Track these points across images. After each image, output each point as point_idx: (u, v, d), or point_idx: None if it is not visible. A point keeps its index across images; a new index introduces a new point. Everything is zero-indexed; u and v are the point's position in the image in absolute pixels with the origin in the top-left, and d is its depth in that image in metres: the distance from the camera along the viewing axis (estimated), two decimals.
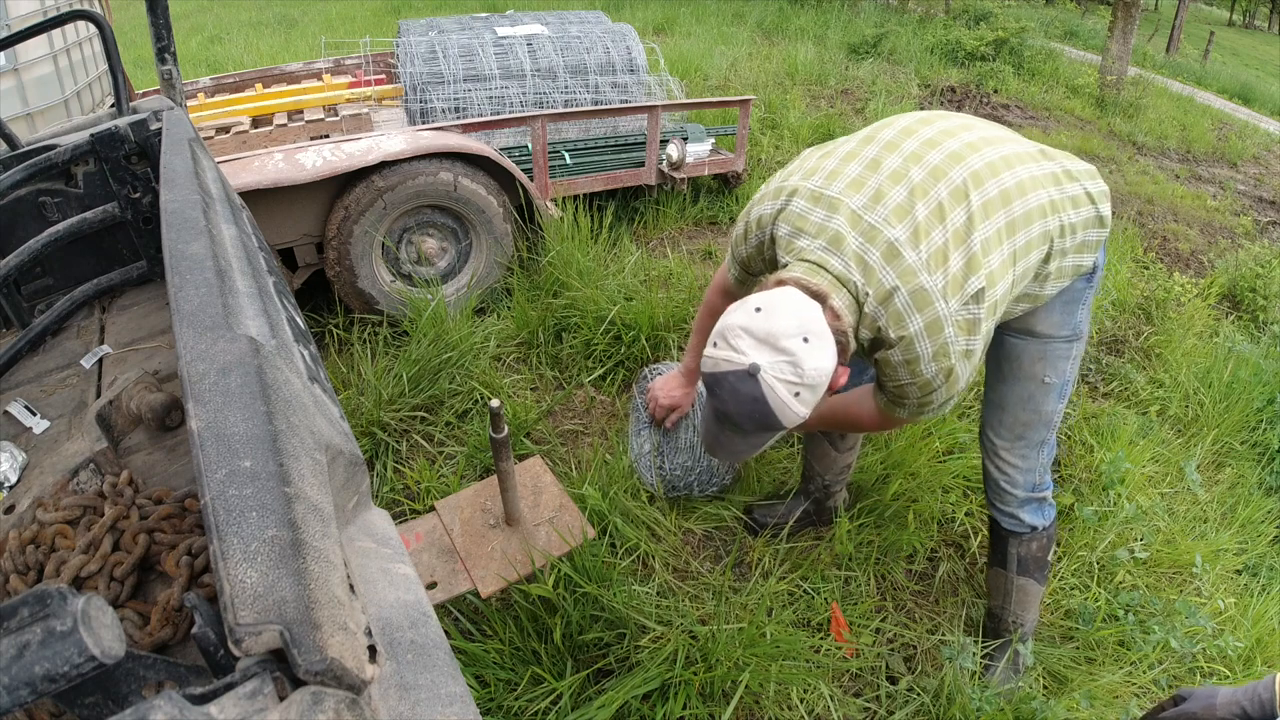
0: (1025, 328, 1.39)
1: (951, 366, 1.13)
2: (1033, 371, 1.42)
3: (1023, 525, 1.58)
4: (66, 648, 0.35)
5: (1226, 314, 3.60)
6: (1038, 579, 1.64)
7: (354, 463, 0.82)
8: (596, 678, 1.58)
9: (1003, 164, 1.17)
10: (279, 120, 3.44)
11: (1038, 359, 1.40)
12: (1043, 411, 1.45)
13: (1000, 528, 1.61)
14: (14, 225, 1.62)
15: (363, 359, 2.45)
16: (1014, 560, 1.61)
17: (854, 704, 1.61)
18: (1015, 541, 1.60)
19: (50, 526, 1.00)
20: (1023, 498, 1.55)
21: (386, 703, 0.53)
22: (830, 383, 1.09)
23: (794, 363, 1.03)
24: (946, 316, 1.08)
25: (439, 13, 9.78)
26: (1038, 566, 1.62)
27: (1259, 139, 7.66)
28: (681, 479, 1.96)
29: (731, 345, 1.06)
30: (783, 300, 1.07)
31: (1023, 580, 1.63)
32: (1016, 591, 1.65)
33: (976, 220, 1.11)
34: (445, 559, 1.69)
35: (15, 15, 2.49)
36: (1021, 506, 1.56)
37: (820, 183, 1.19)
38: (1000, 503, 1.58)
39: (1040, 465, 1.52)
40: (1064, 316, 1.36)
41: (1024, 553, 1.60)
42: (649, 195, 3.67)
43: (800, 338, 1.03)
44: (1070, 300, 1.35)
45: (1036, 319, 1.37)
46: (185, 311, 0.79)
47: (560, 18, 4.03)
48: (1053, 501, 1.60)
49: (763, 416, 1.07)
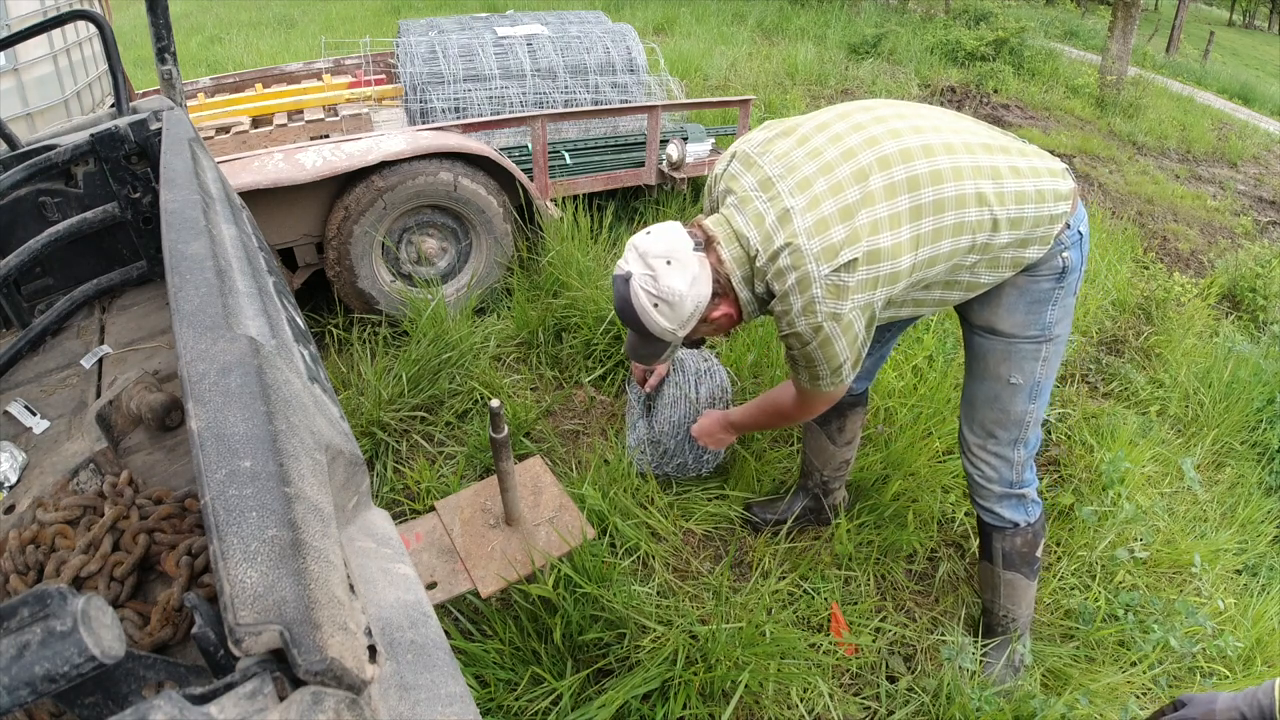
0: (988, 325, 1.42)
1: (819, 324, 1.22)
2: (998, 372, 1.44)
3: (1004, 521, 1.60)
4: (66, 648, 0.35)
5: (1226, 314, 3.60)
6: (1026, 574, 1.65)
7: (354, 463, 0.82)
8: (596, 678, 1.58)
9: (924, 152, 1.22)
10: (279, 120, 3.44)
11: (1002, 359, 1.43)
12: (1011, 412, 1.47)
13: (984, 522, 1.64)
14: (14, 225, 1.62)
15: (363, 359, 2.45)
16: (999, 555, 1.64)
17: (854, 703, 1.62)
18: (999, 536, 1.62)
19: (50, 526, 1.00)
20: (999, 493, 1.57)
21: (386, 703, 0.53)
22: (702, 312, 1.28)
23: (654, 277, 1.24)
24: (815, 278, 1.18)
25: (439, 13, 9.78)
26: (1025, 562, 1.63)
27: (1259, 139, 7.66)
28: (673, 438, 1.97)
29: (625, 255, 1.30)
30: (665, 229, 1.28)
31: (1010, 575, 1.65)
32: (1004, 586, 1.67)
33: (874, 199, 1.19)
34: (445, 559, 1.69)
35: (15, 15, 2.49)
36: (999, 502, 1.59)
37: (755, 149, 1.30)
38: (979, 498, 1.62)
39: (1017, 463, 1.54)
40: (1029, 316, 1.37)
41: (1008, 548, 1.62)
42: (649, 195, 3.67)
43: (665, 260, 1.24)
44: (1036, 300, 1.36)
45: (998, 317, 1.40)
46: (185, 311, 0.79)
47: (560, 18, 4.03)
48: (1037, 499, 1.61)
49: (633, 318, 1.29)
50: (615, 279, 1.30)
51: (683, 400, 1.97)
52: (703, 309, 1.28)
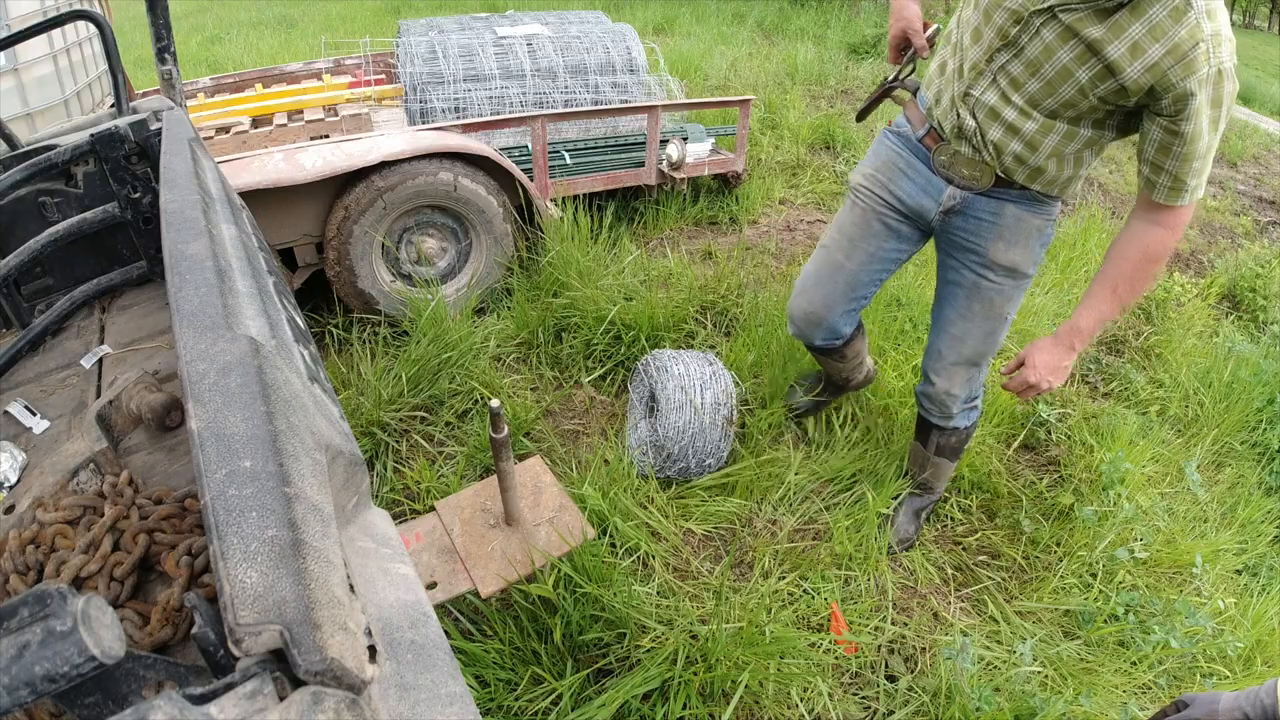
0: (1011, 264, 1.51)
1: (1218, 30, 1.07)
2: (1003, 311, 1.58)
3: (951, 424, 1.79)
4: (66, 648, 0.35)
5: (1226, 314, 3.60)
6: (950, 458, 1.90)
7: (354, 463, 0.83)
8: (596, 678, 1.58)
9: None
10: (279, 120, 3.44)
11: (1009, 298, 1.56)
12: (997, 342, 1.64)
13: (930, 421, 1.83)
14: (14, 225, 1.62)
15: (362, 359, 2.45)
16: (934, 444, 1.87)
17: (854, 703, 1.62)
18: (939, 432, 1.83)
19: (50, 526, 1.00)
20: (960, 410, 1.75)
21: (386, 703, 0.53)
22: None
23: None
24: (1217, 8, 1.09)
25: (439, 13, 9.78)
26: (953, 452, 1.89)
27: (1259, 139, 7.65)
28: (677, 443, 1.97)
29: None
30: None
31: (939, 459, 1.90)
32: (931, 466, 1.92)
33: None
34: (445, 559, 1.69)
35: (15, 15, 2.49)
36: (957, 416, 1.77)
37: None
38: (940, 412, 1.78)
39: (979, 383, 1.72)
40: (1038, 254, 1.52)
41: (943, 441, 1.85)
42: (649, 195, 3.67)
43: None
44: (1042, 243, 1.51)
45: (1022, 256, 1.50)
46: (185, 311, 0.79)
47: (560, 18, 4.03)
48: (980, 406, 1.82)
49: None
50: None
51: (687, 405, 1.96)
52: None
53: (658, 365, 2.05)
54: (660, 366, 2.04)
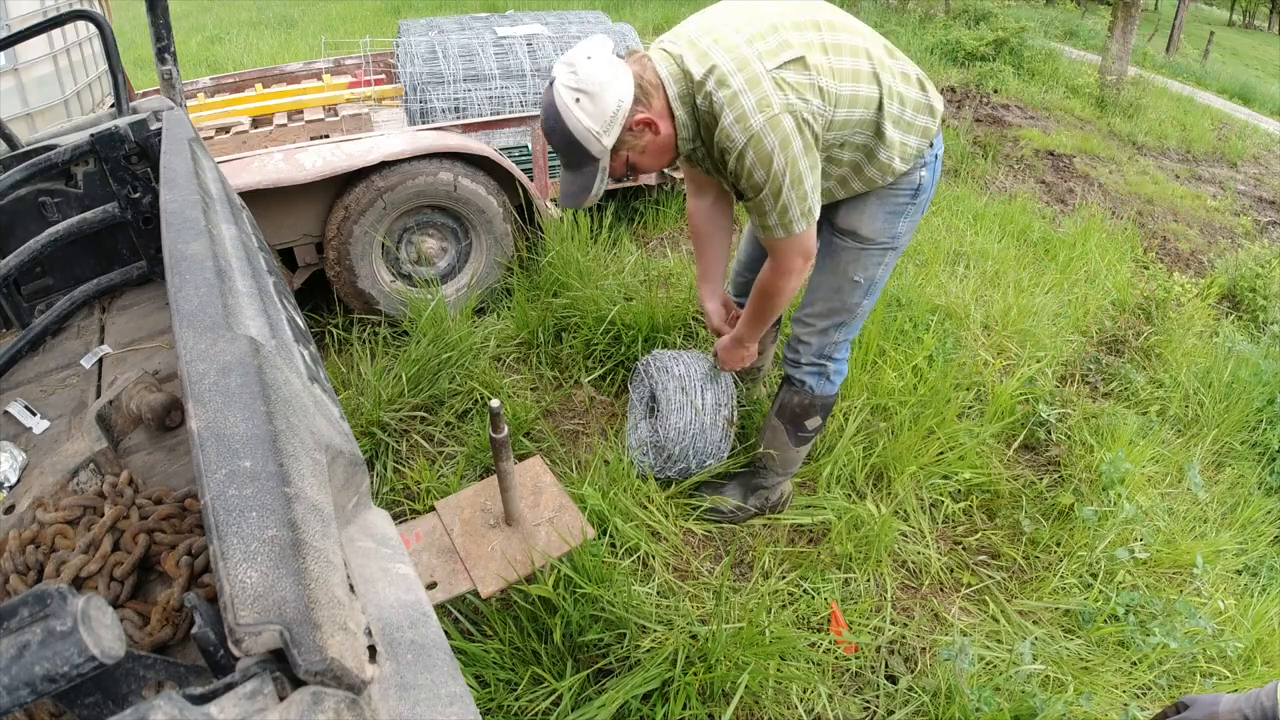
0: (851, 229, 1.63)
1: (776, 116, 1.30)
2: (847, 270, 1.67)
3: (799, 382, 1.83)
4: (66, 648, 0.35)
5: (1226, 314, 3.60)
6: (789, 430, 1.89)
7: (354, 463, 0.82)
8: (596, 678, 1.58)
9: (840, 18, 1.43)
10: (279, 120, 3.44)
11: (853, 260, 1.66)
12: (848, 303, 1.71)
13: (785, 376, 1.88)
14: (14, 225, 1.62)
15: (362, 359, 2.45)
16: (778, 403, 1.90)
17: (854, 703, 1.62)
18: (787, 388, 1.87)
19: (50, 526, 1.00)
20: (807, 362, 1.81)
21: (386, 703, 0.53)
22: (625, 115, 1.33)
23: (574, 71, 1.30)
24: (763, 74, 1.30)
25: (439, 13, 9.78)
26: (793, 420, 1.87)
27: (1259, 139, 7.66)
28: (678, 444, 1.98)
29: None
30: (592, 39, 1.36)
31: (776, 422, 1.91)
32: (769, 430, 1.93)
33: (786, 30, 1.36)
34: (445, 559, 1.68)
35: (15, 15, 2.49)
36: (805, 369, 1.82)
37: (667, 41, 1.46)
38: (790, 362, 1.85)
39: (832, 340, 1.77)
40: (885, 225, 1.61)
41: (787, 400, 1.87)
42: (649, 195, 3.67)
43: (585, 57, 1.32)
44: (892, 211, 1.60)
45: (861, 222, 1.61)
46: (185, 311, 0.79)
47: (560, 18, 4.02)
48: (834, 383, 1.84)
49: (558, 124, 1.33)
50: (543, 95, 1.38)
51: (688, 406, 1.96)
52: (625, 109, 1.33)
53: (658, 365, 2.05)
54: (661, 367, 2.03)
